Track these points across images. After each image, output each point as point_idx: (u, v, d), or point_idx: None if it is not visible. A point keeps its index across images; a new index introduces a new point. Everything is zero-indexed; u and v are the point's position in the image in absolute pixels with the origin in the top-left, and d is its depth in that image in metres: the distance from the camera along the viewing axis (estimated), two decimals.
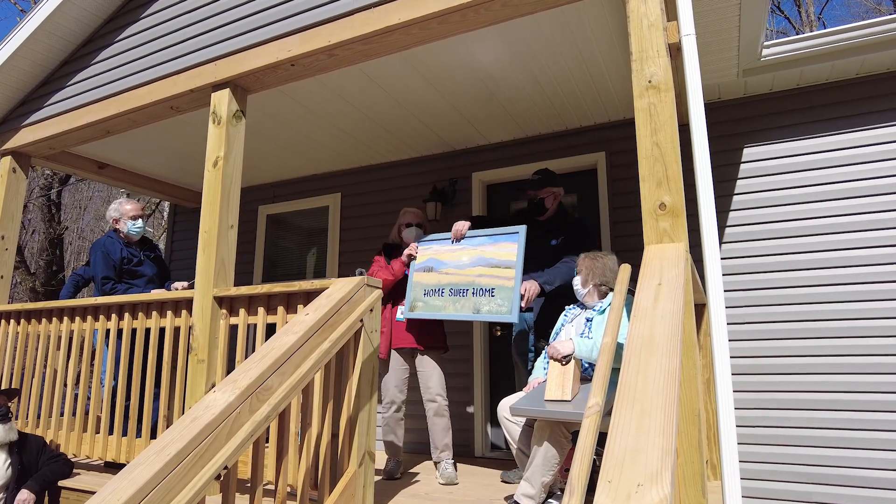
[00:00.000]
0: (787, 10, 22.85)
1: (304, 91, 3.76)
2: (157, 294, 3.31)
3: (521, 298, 3.00)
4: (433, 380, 3.39)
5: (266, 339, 2.27)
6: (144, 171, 5.38)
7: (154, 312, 3.24)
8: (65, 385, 3.51)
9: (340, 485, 2.36)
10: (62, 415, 3.50)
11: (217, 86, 3.29)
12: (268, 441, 2.42)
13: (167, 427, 2.90)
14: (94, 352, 3.46)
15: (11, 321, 3.89)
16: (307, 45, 2.99)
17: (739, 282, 3.66)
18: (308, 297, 2.61)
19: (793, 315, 3.52)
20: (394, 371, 3.42)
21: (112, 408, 3.30)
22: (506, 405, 2.79)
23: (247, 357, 2.14)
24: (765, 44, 3.37)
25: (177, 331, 3.17)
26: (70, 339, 3.54)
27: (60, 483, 3.09)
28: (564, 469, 2.53)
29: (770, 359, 3.53)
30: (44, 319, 3.72)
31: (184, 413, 2.79)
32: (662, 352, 1.50)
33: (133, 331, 3.30)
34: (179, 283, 3.86)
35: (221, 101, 3.25)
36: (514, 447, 2.76)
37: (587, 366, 2.61)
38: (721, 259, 3.33)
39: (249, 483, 1.96)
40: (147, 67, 3.63)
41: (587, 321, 2.74)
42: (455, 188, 4.67)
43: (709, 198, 2.08)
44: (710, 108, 3.61)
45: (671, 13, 2.29)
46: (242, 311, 2.91)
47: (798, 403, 3.43)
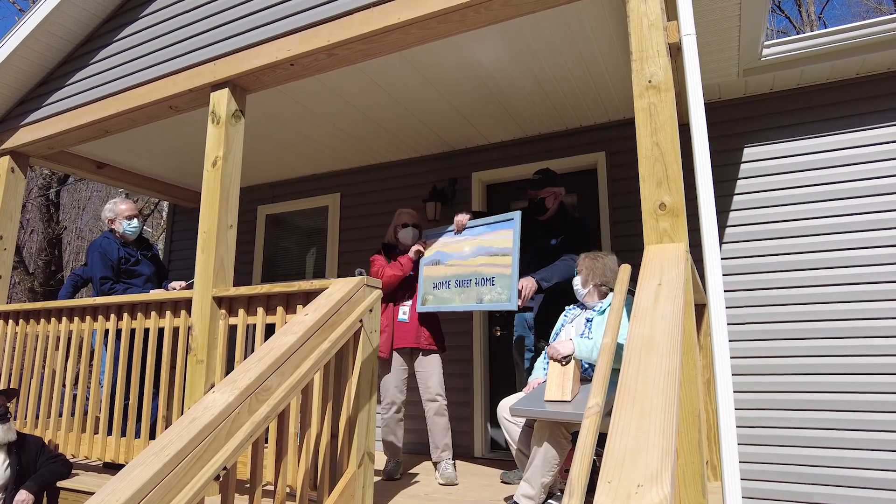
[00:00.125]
0: (788, 10, 22.89)
1: (304, 91, 3.75)
2: (156, 294, 3.31)
3: (519, 295, 3.00)
4: (433, 380, 3.39)
5: (265, 340, 2.27)
6: (143, 171, 5.37)
7: (153, 313, 3.23)
8: (63, 385, 3.51)
9: (340, 485, 2.35)
10: (61, 415, 3.49)
11: (216, 85, 3.28)
12: (267, 441, 2.42)
13: (166, 427, 2.90)
14: (93, 352, 3.46)
15: (10, 321, 3.88)
16: (306, 45, 2.98)
17: (740, 282, 3.66)
18: (307, 298, 2.60)
19: (793, 315, 3.51)
20: (394, 371, 3.42)
21: (111, 408, 3.29)
22: (505, 406, 2.78)
23: (246, 357, 2.13)
24: (765, 43, 3.36)
25: (176, 331, 3.17)
26: (69, 340, 3.54)
27: (59, 484, 3.09)
28: (564, 469, 2.52)
29: (771, 359, 3.53)
30: (42, 320, 3.71)
31: (183, 413, 2.79)
32: (662, 352, 1.50)
33: (132, 331, 3.29)
34: (177, 283, 3.85)
35: (220, 101, 3.24)
36: (514, 448, 2.75)
37: (587, 366, 2.61)
38: (721, 259, 3.32)
39: (249, 484, 1.95)
40: (146, 67, 3.62)
41: (587, 321, 2.74)
42: (455, 188, 4.66)
43: (709, 198, 2.07)
44: (711, 108, 3.60)
45: (671, 13, 2.29)
46: (241, 312, 2.90)
47: (799, 404, 3.43)
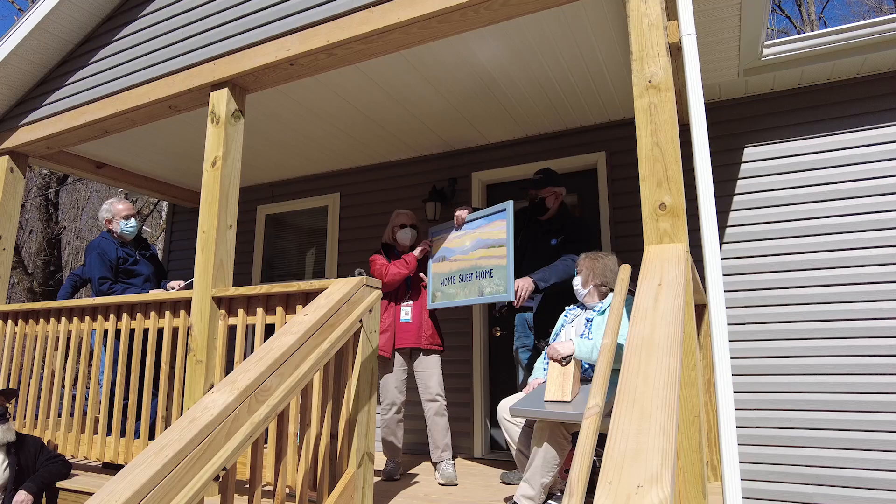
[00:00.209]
0: (788, 10, 22.89)
1: (303, 90, 3.75)
2: (156, 294, 3.30)
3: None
4: (433, 380, 3.39)
5: (265, 340, 2.26)
6: (142, 171, 5.36)
7: (152, 313, 3.23)
8: (63, 386, 3.50)
9: (339, 486, 2.35)
10: (60, 415, 3.48)
11: (216, 85, 3.28)
12: (266, 442, 2.42)
13: (165, 428, 2.89)
14: (93, 352, 3.45)
15: (9, 321, 3.88)
16: (306, 45, 2.98)
17: (740, 282, 3.66)
18: (307, 298, 2.60)
19: (794, 315, 3.51)
20: (395, 371, 3.41)
21: (110, 408, 3.28)
22: (505, 406, 2.78)
23: (245, 358, 2.13)
24: (765, 43, 3.36)
25: (175, 331, 3.16)
26: (68, 340, 3.53)
27: (58, 484, 3.08)
28: (564, 470, 2.52)
29: (771, 359, 3.53)
30: (41, 320, 3.70)
31: (182, 414, 2.78)
32: (663, 352, 1.49)
33: (131, 331, 3.29)
34: (175, 283, 3.84)
35: (220, 101, 3.24)
36: (514, 448, 2.75)
37: (587, 367, 2.60)
38: (721, 259, 3.31)
39: (248, 484, 1.95)
40: (145, 67, 3.61)
41: (587, 322, 2.73)
42: (455, 188, 4.66)
43: (709, 198, 2.07)
44: (711, 108, 3.60)
45: (671, 12, 2.29)
46: (241, 312, 2.90)
47: (799, 404, 3.42)
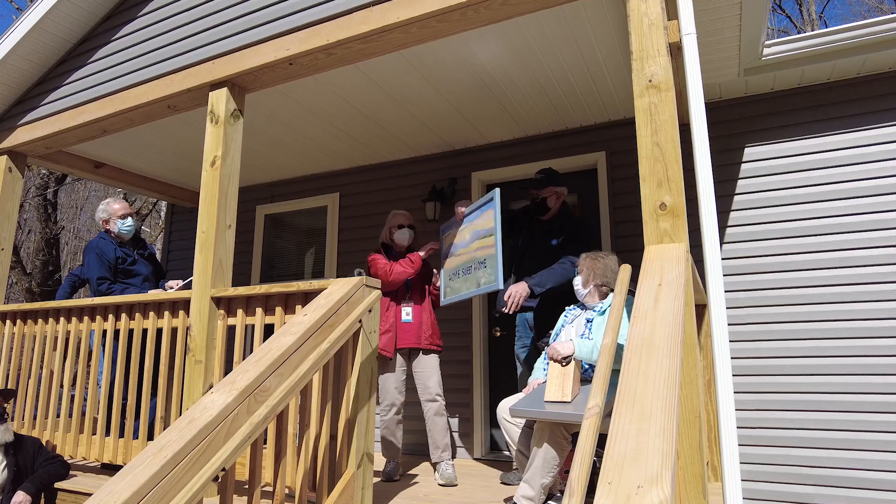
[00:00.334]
0: (789, 9, 22.89)
1: (303, 90, 3.74)
2: (155, 294, 3.29)
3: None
4: (432, 380, 3.39)
5: (264, 340, 2.25)
6: (141, 171, 5.36)
7: (151, 313, 3.22)
8: (61, 386, 3.49)
9: (339, 487, 2.34)
10: (59, 416, 3.47)
11: (215, 85, 3.27)
12: (266, 443, 2.41)
13: (164, 428, 2.89)
14: (91, 353, 3.44)
15: (7, 322, 3.87)
16: (305, 44, 2.97)
17: (740, 282, 3.65)
18: (306, 298, 2.59)
19: (794, 316, 3.50)
20: (395, 372, 3.41)
21: (109, 409, 3.28)
22: (505, 406, 2.77)
23: (244, 358, 2.12)
24: (766, 43, 3.36)
25: (174, 331, 3.16)
26: (66, 340, 3.52)
27: (57, 485, 3.07)
28: (564, 471, 2.52)
29: (772, 360, 3.52)
30: (40, 320, 3.69)
31: (181, 414, 2.78)
32: (663, 353, 1.49)
33: (130, 331, 3.28)
34: (174, 282, 3.83)
35: (219, 101, 3.23)
36: (514, 448, 2.74)
37: (587, 367, 2.60)
38: (722, 259, 3.30)
39: (247, 485, 1.95)
40: (144, 66, 3.61)
41: (587, 322, 2.73)
42: (455, 188, 4.65)
43: (709, 198, 2.07)
44: (711, 108, 3.59)
45: (672, 12, 2.28)
46: (240, 312, 2.89)
47: (800, 405, 3.42)
